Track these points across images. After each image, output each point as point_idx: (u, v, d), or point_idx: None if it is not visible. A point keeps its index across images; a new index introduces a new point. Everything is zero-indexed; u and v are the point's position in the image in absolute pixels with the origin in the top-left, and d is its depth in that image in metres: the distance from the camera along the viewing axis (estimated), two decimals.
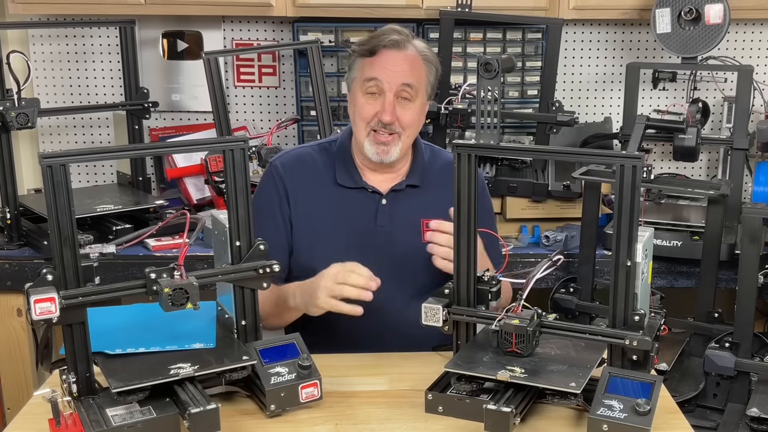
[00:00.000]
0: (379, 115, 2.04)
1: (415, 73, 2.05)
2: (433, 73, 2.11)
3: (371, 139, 2.06)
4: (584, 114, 3.27)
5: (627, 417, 1.50)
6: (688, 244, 2.64)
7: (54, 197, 1.49)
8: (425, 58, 2.08)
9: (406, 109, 2.05)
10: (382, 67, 2.03)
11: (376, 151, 2.06)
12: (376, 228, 2.11)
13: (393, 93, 2.03)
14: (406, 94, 2.04)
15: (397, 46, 2.04)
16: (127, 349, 1.66)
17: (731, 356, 2.23)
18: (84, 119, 3.25)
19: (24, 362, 2.77)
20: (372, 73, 2.04)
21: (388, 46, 2.03)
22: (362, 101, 2.06)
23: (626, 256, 1.60)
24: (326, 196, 2.12)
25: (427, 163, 2.18)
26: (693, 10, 2.72)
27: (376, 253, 2.07)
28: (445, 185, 2.09)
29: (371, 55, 2.05)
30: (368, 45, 2.06)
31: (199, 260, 2.47)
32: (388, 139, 2.06)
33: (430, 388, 1.69)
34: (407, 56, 2.05)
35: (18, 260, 2.64)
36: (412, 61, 2.05)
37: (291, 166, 2.15)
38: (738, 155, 2.74)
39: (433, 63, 2.10)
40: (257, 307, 1.73)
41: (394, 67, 2.03)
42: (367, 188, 2.13)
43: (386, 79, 2.03)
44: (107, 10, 2.98)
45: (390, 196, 2.13)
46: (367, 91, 2.05)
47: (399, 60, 2.04)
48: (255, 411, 1.70)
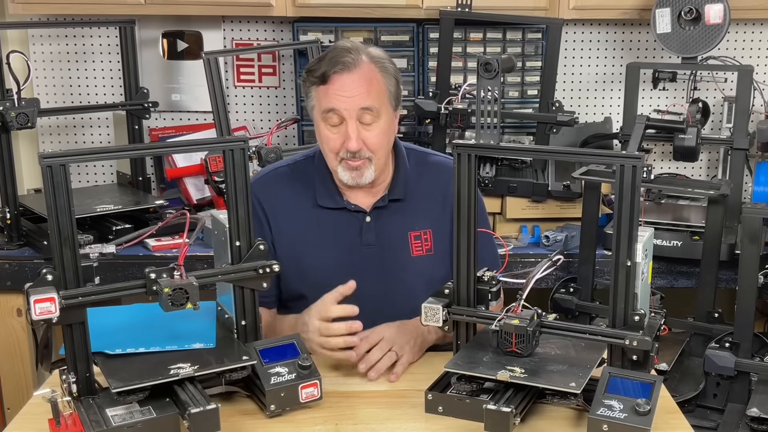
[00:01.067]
0: (345, 145, 1.94)
1: (373, 92, 1.94)
2: (393, 81, 1.99)
3: (343, 166, 1.98)
4: (584, 114, 3.27)
5: (627, 417, 1.50)
6: (688, 244, 2.64)
7: (54, 197, 1.50)
8: (382, 68, 1.97)
9: (370, 131, 1.95)
10: (336, 95, 1.92)
11: (351, 176, 1.99)
12: (362, 246, 2.05)
13: (354, 120, 1.93)
14: (368, 117, 1.94)
15: (347, 69, 1.92)
16: (127, 349, 1.66)
17: (731, 356, 2.23)
18: (84, 119, 3.25)
19: (24, 362, 2.77)
20: (328, 103, 1.93)
21: (338, 71, 1.92)
22: (326, 133, 1.97)
23: (626, 256, 1.60)
24: (308, 218, 2.05)
25: (410, 173, 2.10)
26: (693, 10, 2.72)
27: (365, 271, 2.01)
28: (432, 193, 2.07)
29: (324, 83, 1.94)
30: (318, 71, 1.94)
31: (199, 260, 2.47)
32: (358, 164, 1.97)
33: (430, 388, 1.69)
34: (361, 76, 1.93)
35: (18, 260, 2.65)
36: (368, 80, 1.94)
37: (269, 190, 2.08)
38: (738, 155, 2.74)
39: (391, 71, 1.99)
40: (257, 307, 1.73)
41: (350, 92, 1.92)
42: (350, 207, 2.06)
43: (343, 107, 1.92)
44: (107, 10, 2.98)
45: (374, 213, 2.06)
46: (328, 122, 1.95)
47: (353, 84, 1.92)
48: (255, 411, 1.70)
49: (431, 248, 2.07)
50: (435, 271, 2.05)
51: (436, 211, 2.06)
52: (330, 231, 2.05)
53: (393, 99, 2.00)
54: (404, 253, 2.06)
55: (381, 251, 2.05)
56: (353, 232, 2.06)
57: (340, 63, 1.92)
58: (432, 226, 2.07)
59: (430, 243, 2.07)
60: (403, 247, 2.06)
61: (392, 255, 2.06)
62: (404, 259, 2.06)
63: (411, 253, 2.07)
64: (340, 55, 1.94)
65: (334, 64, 1.93)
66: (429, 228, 2.07)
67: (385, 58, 2.00)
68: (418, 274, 2.05)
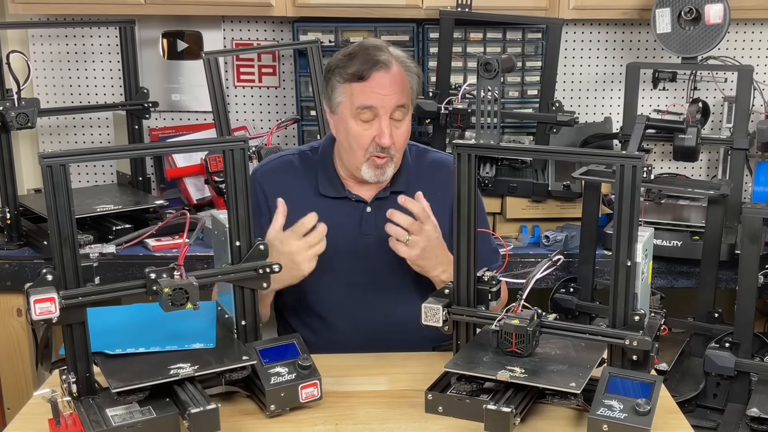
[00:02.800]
0: (378, 140, 1.98)
1: (405, 90, 2.00)
2: (416, 82, 2.05)
3: (369, 163, 2.01)
4: (584, 114, 3.27)
5: (627, 417, 1.50)
6: (688, 244, 2.64)
7: (54, 197, 1.49)
8: (408, 69, 2.02)
9: (399, 128, 2.00)
10: (375, 93, 1.96)
11: (374, 173, 2.02)
12: (361, 236, 2.08)
13: (388, 116, 1.98)
14: (400, 114, 1.99)
15: (386, 67, 1.96)
16: (127, 349, 1.66)
17: (731, 356, 2.23)
18: (84, 119, 3.25)
19: (24, 362, 2.77)
20: (366, 101, 1.96)
21: (378, 69, 1.96)
22: (357, 129, 1.99)
23: (626, 256, 1.60)
24: (309, 206, 2.05)
25: (412, 167, 2.14)
26: (693, 10, 2.72)
27: (364, 260, 2.06)
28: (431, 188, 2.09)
29: (361, 80, 1.96)
30: (354, 69, 1.97)
31: (199, 260, 2.48)
32: (384, 161, 2.01)
33: (430, 388, 1.69)
34: (395, 75, 1.98)
35: (18, 260, 2.64)
36: (402, 78, 1.99)
37: (272, 176, 2.11)
38: (738, 155, 2.74)
39: (413, 70, 2.04)
40: (257, 307, 1.73)
41: (387, 90, 1.96)
42: (351, 197, 2.09)
43: (381, 104, 1.96)
44: (107, 10, 2.98)
45: (375, 204, 2.10)
46: (360, 118, 1.98)
47: (390, 82, 1.97)
48: (255, 411, 1.70)
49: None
50: None
51: (435, 206, 2.08)
52: (330, 219, 2.06)
53: (415, 97, 2.06)
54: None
55: (379, 241, 2.07)
56: (353, 221, 2.09)
57: (379, 62, 1.96)
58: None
59: None
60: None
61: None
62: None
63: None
64: (375, 54, 1.97)
65: (373, 62, 1.96)
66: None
67: (408, 57, 2.05)
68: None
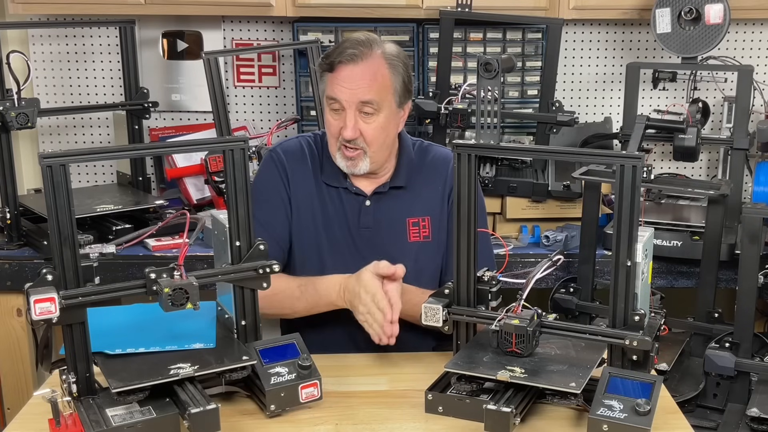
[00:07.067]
0: (342, 132, 2.00)
1: (375, 87, 1.97)
2: (400, 80, 2.02)
3: (341, 153, 2.04)
4: (584, 114, 3.27)
5: (627, 417, 1.50)
6: (688, 244, 2.64)
7: (54, 197, 1.49)
8: (391, 64, 2.00)
9: (369, 124, 2.00)
10: (339, 85, 1.97)
11: (346, 164, 2.04)
12: (359, 228, 2.09)
13: (353, 110, 1.98)
14: (368, 109, 1.98)
15: (353, 60, 1.96)
16: (127, 349, 1.66)
17: (731, 356, 2.23)
18: (84, 119, 3.25)
19: (24, 362, 2.77)
20: (331, 91, 1.99)
21: (344, 61, 1.96)
22: (329, 118, 2.02)
23: (626, 256, 1.60)
24: (313, 191, 2.09)
25: (414, 163, 2.14)
26: (693, 10, 2.72)
27: (360, 253, 2.06)
28: (432, 182, 2.11)
29: (331, 71, 1.99)
30: (328, 59, 2.00)
31: (199, 260, 2.47)
32: (354, 154, 2.02)
33: (430, 388, 1.69)
34: (366, 69, 1.97)
35: (18, 260, 2.64)
36: (373, 73, 1.97)
37: (292, 154, 2.13)
38: (738, 155, 2.74)
39: (400, 69, 2.02)
40: (257, 307, 1.73)
41: (352, 84, 1.96)
42: (351, 189, 2.10)
43: (344, 98, 1.97)
44: (107, 10, 2.98)
45: (374, 197, 2.11)
46: (331, 108, 2.01)
47: (356, 76, 1.96)
48: (255, 411, 1.70)
49: (429, 235, 2.10)
50: (430, 259, 2.10)
51: (436, 200, 2.09)
52: (329, 208, 2.09)
53: (398, 96, 2.03)
54: (401, 238, 2.09)
55: (378, 234, 2.09)
56: (352, 214, 2.10)
57: (347, 54, 1.97)
58: (431, 213, 2.11)
59: (428, 230, 2.10)
60: (400, 232, 2.09)
61: (389, 239, 2.09)
62: (400, 243, 2.08)
63: (408, 238, 2.10)
64: (350, 47, 1.98)
65: (341, 54, 1.97)
66: (428, 215, 2.11)
67: (398, 55, 2.04)
68: (414, 259, 2.07)
